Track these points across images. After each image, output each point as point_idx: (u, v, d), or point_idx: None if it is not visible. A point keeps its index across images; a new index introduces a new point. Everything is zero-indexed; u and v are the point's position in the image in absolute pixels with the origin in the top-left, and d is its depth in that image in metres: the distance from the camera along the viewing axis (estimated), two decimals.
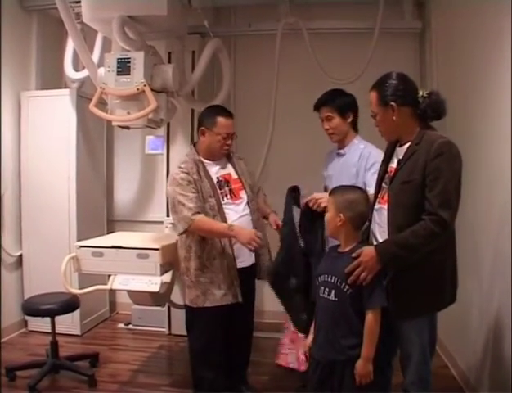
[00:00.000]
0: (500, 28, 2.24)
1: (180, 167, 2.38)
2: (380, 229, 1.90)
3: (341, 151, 2.51)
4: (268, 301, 3.35)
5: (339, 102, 2.44)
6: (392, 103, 1.84)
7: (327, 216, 1.91)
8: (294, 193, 2.25)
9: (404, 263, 1.78)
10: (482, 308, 2.53)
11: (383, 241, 1.84)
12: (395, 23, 3.67)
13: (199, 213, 2.28)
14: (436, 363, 2.31)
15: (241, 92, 3.99)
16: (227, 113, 2.45)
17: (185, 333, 2.57)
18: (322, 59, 3.56)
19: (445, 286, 1.83)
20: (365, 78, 2.02)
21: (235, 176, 2.52)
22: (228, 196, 2.44)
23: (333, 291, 1.82)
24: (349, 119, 2.46)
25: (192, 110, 3.49)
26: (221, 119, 2.40)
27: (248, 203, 2.49)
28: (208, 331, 2.40)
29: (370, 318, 1.76)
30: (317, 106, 2.50)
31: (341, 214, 1.84)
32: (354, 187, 1.97)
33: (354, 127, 2.50)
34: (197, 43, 3.46)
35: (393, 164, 1.93)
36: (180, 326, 2.62)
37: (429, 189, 1.73)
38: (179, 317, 2.57)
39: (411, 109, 1.86)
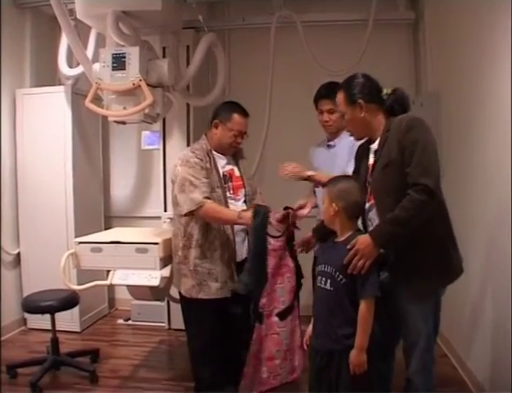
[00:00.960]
0: (494, 18, 2.25)
1: (194, 152, 2.36)
2: (374, 224, 1.91)
3: (331, 143, 2.53)
4: None
5: None
6: (360, 100, 1.89)
7: (323, 207, 1.92)
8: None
9: (400, 240, 1.78)
10: (478, 298, 2.54)
11: (375, 226, 1.86)
12: (388, 14, 3.68)
13: (209, 198, 2.26)
14: (435, 352, 2.31)
15: (236, 85, 4.00)
16: (244, 112, 2.45)
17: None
18: (317, 51, 3.57)
19: (450, 257, 1.85)
20: (360, 69, 2.03)
21: (237, 173, 2.54)
22: (231, 191, 2.45)
23: (329, 281, 1.84)
24: None
25: (188, 105, 3.50)
26: (236, 116, 2.41)
27: (245, 202, 2.50)
28: (205, 327, 2.37)
29: (363, 307, 1.76)
30: (317, 99, 2.50)
31: (334, 204, 1.85)
32: (347, 177, 1.98)
33: None
34: (191, 38, 3.45)
35: (371, 161, 1.95)
36: (179, 320, 2.62)
37: (407, 163, 1.76)
38: (178, 311, 2.56)
39: (378, 106, 1.91)
